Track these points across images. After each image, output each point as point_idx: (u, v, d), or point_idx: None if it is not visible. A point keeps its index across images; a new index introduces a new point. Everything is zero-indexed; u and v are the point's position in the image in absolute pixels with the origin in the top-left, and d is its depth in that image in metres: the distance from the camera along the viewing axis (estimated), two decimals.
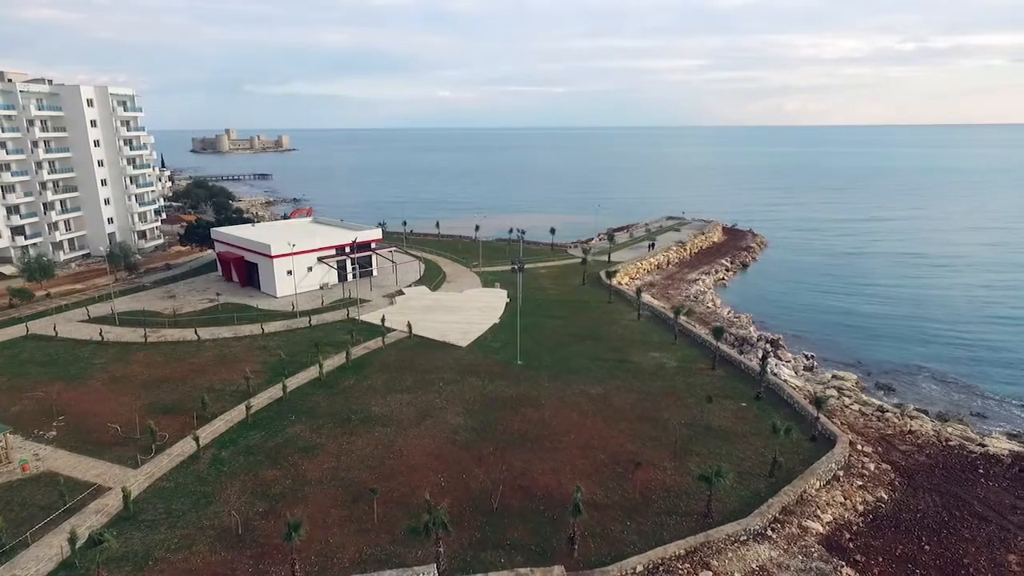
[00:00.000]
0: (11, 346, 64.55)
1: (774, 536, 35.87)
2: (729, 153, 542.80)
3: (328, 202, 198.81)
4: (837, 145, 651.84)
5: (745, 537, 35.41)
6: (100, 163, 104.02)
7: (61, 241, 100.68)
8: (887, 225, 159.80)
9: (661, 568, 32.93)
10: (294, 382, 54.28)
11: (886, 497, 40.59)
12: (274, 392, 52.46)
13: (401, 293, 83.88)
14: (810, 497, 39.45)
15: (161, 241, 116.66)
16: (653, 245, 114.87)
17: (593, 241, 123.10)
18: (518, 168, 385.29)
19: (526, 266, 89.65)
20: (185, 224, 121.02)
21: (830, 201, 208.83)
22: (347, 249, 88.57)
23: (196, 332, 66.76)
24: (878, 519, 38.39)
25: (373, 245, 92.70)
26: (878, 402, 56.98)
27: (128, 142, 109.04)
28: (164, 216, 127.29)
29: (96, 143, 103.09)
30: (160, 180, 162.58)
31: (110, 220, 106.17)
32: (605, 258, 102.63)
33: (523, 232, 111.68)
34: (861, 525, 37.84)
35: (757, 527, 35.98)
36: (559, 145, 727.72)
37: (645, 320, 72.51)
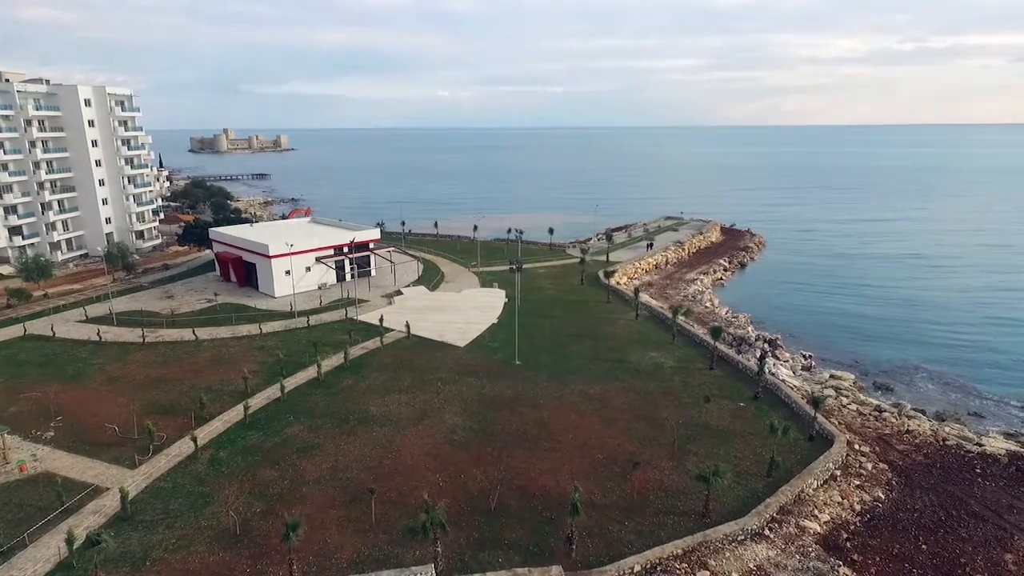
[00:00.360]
0: (9, 346, 64.47)
1: (771, 536, 35.94)
2: (728, 153, 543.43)
3: (326, 202, 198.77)
4: (835, 145, 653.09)
5: (743, 537, 35.47)
6: (98, 163, 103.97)
7: (59, 241, 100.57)
8: (886, 226, 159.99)
9: (659, 568, 32.97)
10: (292, 382, 54.26)
11: (883, 496, 40.68)
12: (272, 392, 52.46)
13: (399, 293, 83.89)
14: (807, 497, 39.53)
15: (159, 241, 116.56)
16: (651, 245, 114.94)
17: (591, 241, 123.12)
18: (517, 168, 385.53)
19: (524, 266, 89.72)
20: (183, 224, 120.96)
21: (829, 201, 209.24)
22: (345, 249, 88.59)
23: (194, 332, 66.74)
24: (875, 518, 38.47)
25: (371, 245, 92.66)
26: (876, 402, 57.08)
27: (126, 142, 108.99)
28: (162, 216, 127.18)
29: (94, 143, 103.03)
30: (158, 180, 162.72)
31: (108, 220, 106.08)
32: (603, 258, 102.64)
33: (521, 232, 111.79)
34: (858, 524, 37.91)
35: (754, 527, 36.04)
36: (558, 145, 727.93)
37: (643, 320, 72.58)
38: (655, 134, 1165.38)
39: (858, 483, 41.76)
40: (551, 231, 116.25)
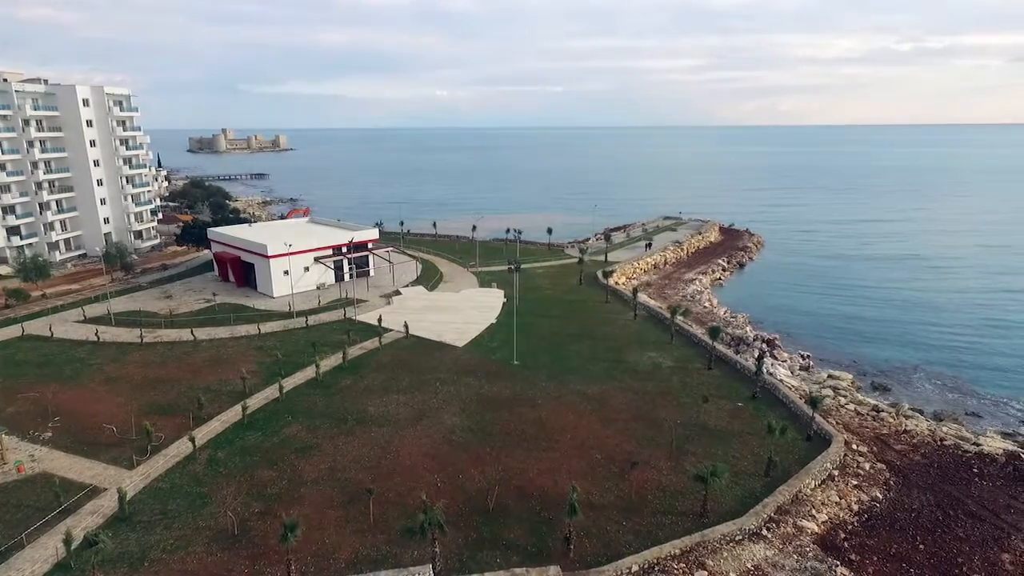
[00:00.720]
0: (7, 347, 64.42)
1: (769, 536, 35.99)
2: (727, 153, 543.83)
3: (325, 202, 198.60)
4: (834, 145, 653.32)
5: (740, 537, 35.53)
6: (96, 163, 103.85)
7: (57, 241, 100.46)
8: (884, 226, 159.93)
9: (656, 568, 33.01)
10: (291, 382, 54.26)
11: (881, 496, 40.74)
12: (270, 392, 52.46)
13: (398, 293, 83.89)
14: (805, 497, 39.58)
15: (157, 241, 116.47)
16: (650, 245, 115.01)
17: (590, 241, 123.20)
18: (515, 168, 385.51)
19: (523, 266, 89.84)
20: (182, 224, 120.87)
21: (827, 201, 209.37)
22: (344, 249, 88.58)
23: (192, 332, 66.71)
24: (873, 518, 38.54)
25: (370, 245, 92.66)
26: (873, 402, 57.15)
27: (124, 142, 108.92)
28: (161, 216, 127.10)
29: (92, 143, 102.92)
30: (157, 180, 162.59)
31: (106, 220, 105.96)
32: (602, 258, 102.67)
33: (520, 232, 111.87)
34: (856, 524, 37.98)
35: (752, 527, 36.10)
36: (557, 145, 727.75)
37: (641, 320, 72.62)
38: (654, 134, 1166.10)
39: (856, 483, 41.82)
40: (550, 231, 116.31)
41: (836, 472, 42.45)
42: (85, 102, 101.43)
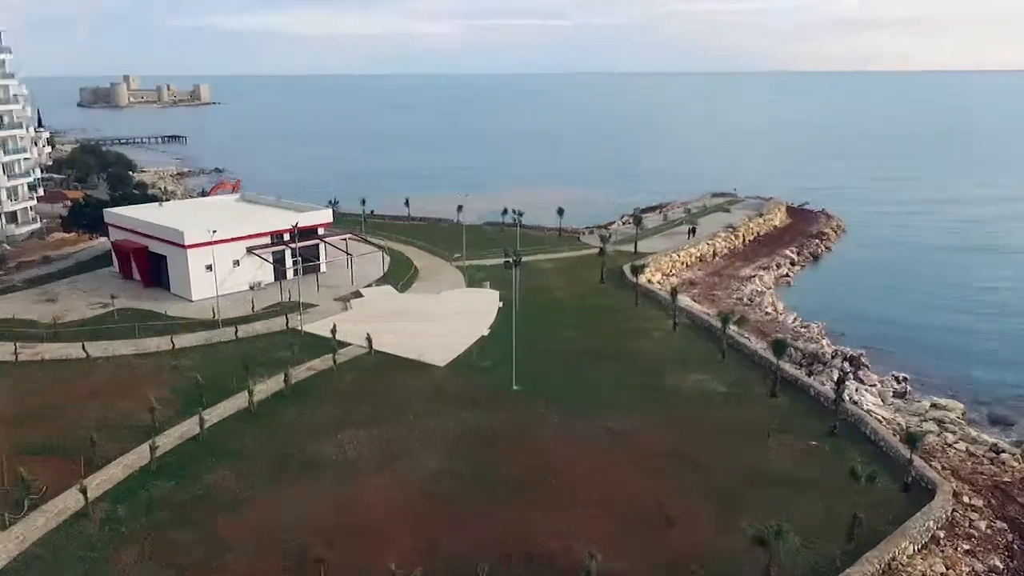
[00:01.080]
0: None
1: None
2: (789, 109, 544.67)
3: (261, 174, 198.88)
4: (949, 97, 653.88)
5: None
6: None
7: None
8: (1008, 208, 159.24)
9: None
10: (215, 414, 54.33)
11: (1002, 566, 40.88)
12: (188, 428, 52.50)
13: (358, 295, 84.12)
14: (901, 566, 39.63)
15: (37, 226, 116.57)
16: (694, 231, 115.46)
17: (614, 225, 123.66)
18: (515, 127, 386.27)
19: (525, 259, 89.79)
20: (70, 203, 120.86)
21: (937, 174, 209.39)
22: (286, 236, 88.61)
23: (84, 347, 66.75)
24: None
25: (321, 231, 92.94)
26: (992, 439, 57.33)
27: None
28: (42, 192, 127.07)
29: None
30: (36, 144, 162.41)
31: None
32: (630, 248, 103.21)
33: (521, 214, 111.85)
34: None
35: None
36: (567, 95, 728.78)
37: (683, 330, 72.95)
38: (693, 81, 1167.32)
39: (968, 548, 41.96)
40: (560, 212, 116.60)
41: (942, 533, 42.56)
42: None
